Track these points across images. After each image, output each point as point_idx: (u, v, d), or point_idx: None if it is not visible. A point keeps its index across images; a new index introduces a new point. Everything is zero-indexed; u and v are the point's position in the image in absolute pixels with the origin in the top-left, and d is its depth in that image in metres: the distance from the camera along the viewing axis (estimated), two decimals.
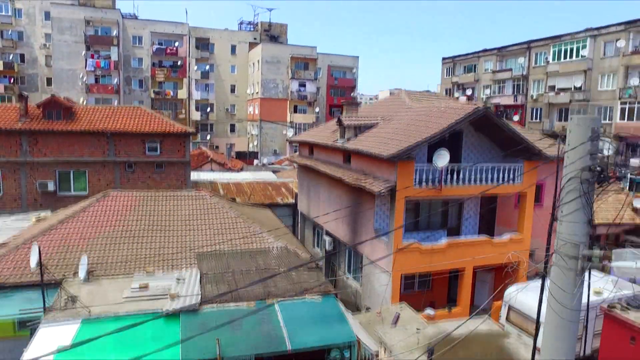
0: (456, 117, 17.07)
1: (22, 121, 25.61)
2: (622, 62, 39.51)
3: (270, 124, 60.11)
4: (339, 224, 22.12)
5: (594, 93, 42.28)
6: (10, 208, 25.76)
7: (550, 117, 46.64)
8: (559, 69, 44.72)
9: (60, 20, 54.65)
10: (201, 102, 64.04)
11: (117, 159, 26.70)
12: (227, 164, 39.73)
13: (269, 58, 59.53)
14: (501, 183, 18.62)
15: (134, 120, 27.39)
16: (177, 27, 62.25)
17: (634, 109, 38.65)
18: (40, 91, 61.60)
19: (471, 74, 56.40)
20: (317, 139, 24.14)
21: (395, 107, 22.83)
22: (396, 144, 17.19)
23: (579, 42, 43.38)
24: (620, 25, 40.38)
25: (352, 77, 67.11)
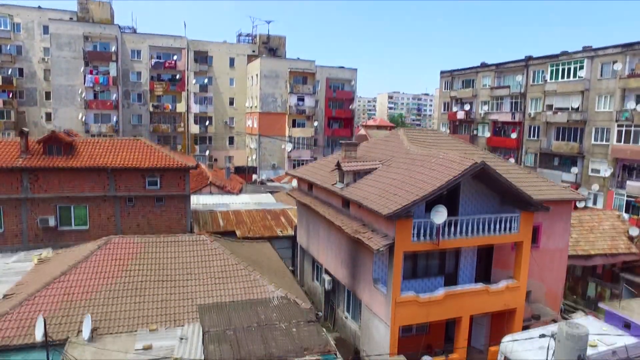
0: (454, 173, 17.29)
1: (23, 157, 25.73)
2: (618, 85, 39.76)
3: (269, 138, 60.30)
4: (338, 265, 22.37)
5: (591, 114, 42.54)
6: (11, 244, 25.96)
7: (547, 135, 46.91)
8: (557, 89, 44.97)
9: (59, 36, 54.68)
10: (200, 115, 64.21)
11: (118, 194, 26.88)
12: (226, 187, 39.92)
13: (268, 72, 59.65)
14: (498, 234, 18.89)
15: (134, 154, 27.55)
16: (175, 41, 62.32)
17: (630, 132, 38.91)
18: (39, 105, 61.80)
19: (469, 89, 56.62)
20: (317, 177, 24.34)
21: (393, 148, 23.04)
22: (395, 198, 17.42)
23: (576, 62, 43.62)
24: (617, 47, 40.62)
25: (351, 90, 67.26)
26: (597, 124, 42.12)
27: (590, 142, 42.68)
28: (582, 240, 29.70)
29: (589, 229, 31.05)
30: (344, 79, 67.04)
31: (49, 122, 60.89)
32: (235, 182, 44.06)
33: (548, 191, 22.33)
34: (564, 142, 44.80)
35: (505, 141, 51.21)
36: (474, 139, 56.44)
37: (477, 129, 56.11)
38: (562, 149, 44.59)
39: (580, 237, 29.91)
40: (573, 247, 28.41)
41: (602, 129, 41.75)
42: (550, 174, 46.20)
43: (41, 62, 60.75)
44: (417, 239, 17.42)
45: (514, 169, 23.71)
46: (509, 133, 51.26)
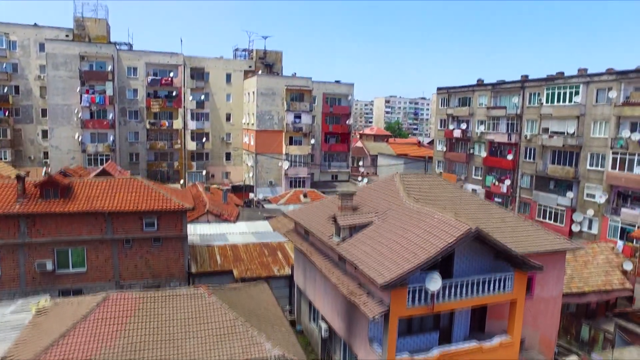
0: (448, 239, 17.47)
1: (20, 202, 25.78)
2: (613, 112, 40.00)
3: (266, 156, 60.37)
4: (335, 316, 22.54)
5: (587, 139, 42.78)
6: (9, 288, 26.05)
7: (543, 158, 47.13)
8: (553, 112, 45.19)
9: (55, 56, 54.55)
10: (197, 132, 64.22)
11: (115, 236, 26.97)
12: (223, 215, 40.01)
13: (264, 90, 59.66)
14: (492, 293, 19.09)
15: (130, 195, 27.63)
16: (172, 58, 62.26)
17: (625, 160, 39.16)
18: (35, 122, 61.72)
19: (466, 107, 56.79)
20: (313, 225, 24.46)
21: (389, 198, 23.18)
22: (390, 264, 17.59)
23: (572, 87, 43.84)
24: (612, 74, 40.86)
25: (347, 104, 67.38)
26: (592, 150, 42.37)
27: (585, 167, 42.93)
28: (576, 276, 29.97)
29: (583, 264, 31.33)
30: (341, 93, 67.14)
31: (45, 139, 60.84)
32: (232, 208, 44.14)
33: (542, 242, 22.55)
34: (560, 166, 45.04)
35: (502, 162, 51.43)
36: (470, 157, 56.67)
37: (474, 148, 56.31)
38: (558, 173, 44.83)
39: (574, 273, 30.18)
40: (567, 285, 28.66)
41: (597, 155, 42.01)
42: (546, 196, 46.58)
43: (37, 80, 60.63)
44: (412, 304, 17.60)
45: (509, 217, 23.92)
46: (505, 154, 51.49)
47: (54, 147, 56.06)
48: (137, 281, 28.06)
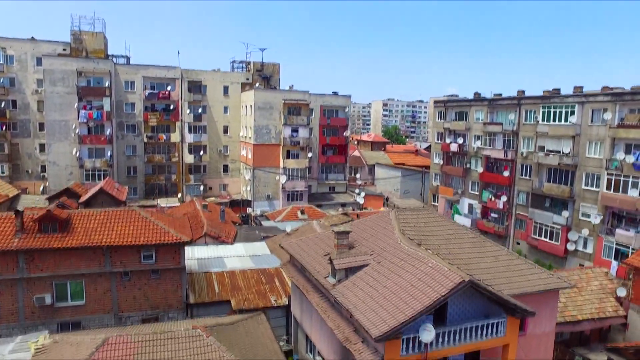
0: (442, 291, 17.72)
1: (18, 237, 25.95)
2: (608, 134, 40.27)
3: (264, 169, 60.57)
4: (331, 354, 22.77)
5: (582, 159, 43.07)
6: (7, 322, 26.24)
7: (539, 176, 47.41)
8: (548, 131, 45.46)
9: (52, 72, 54.59)
10: (194, 145, 64.35)
11: (114, 269, 27.16)
12: (220, 236, 40.22)
13: (262, 104, 59.80)
14: (485, 338, 19.37)
15: (128, 228, 27.81)
16: (169, 71, 62.34)
17: (619, 181, 39.45)
18: (33, 137, 61.79)
19: (462, 122, 57.01)
20: (309, 261, 24.67)
21: (385, 237, 23.40)
22: (384, 313, 17.84)
23: (567, 106, 44.10)
24: (607, 95, 41.15)
25: (345, 116, 67.55)
26: (587, 170, 42.67)
27: (581, 187, 43.23)
28: (570, 304, 30.26)
29: (577, 291, 31.60)
30: (338, 105, 67.30)
31: (42, 153, 60.93)
32: (230, 228, 44.33)
33: (536, 281, 22.78)
34: (555, 184, 45.32)
35: (498, 178, 51.70)
36: (467, 171, 56.94)
37: (470, 162, 56.57)
38: (554, 192, 45.13)
39: (568, 301, 30.47)
40: (561, 314, 28.95)
41: (592, 175, 42.30)
42: (541, 214, 46.88)
43: (34, 94, 60.66)
44: (406, 353, 17.85)
45: (503, 255, 24.14)
46: (501, 169, 51.74)
47: (51, 162, 56.13)
48: (136, 312, 28.26)
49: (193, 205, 49.87)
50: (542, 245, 46.89)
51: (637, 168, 38.05)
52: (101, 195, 45.48)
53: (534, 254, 48.64)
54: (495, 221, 52.84)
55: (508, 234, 50.80)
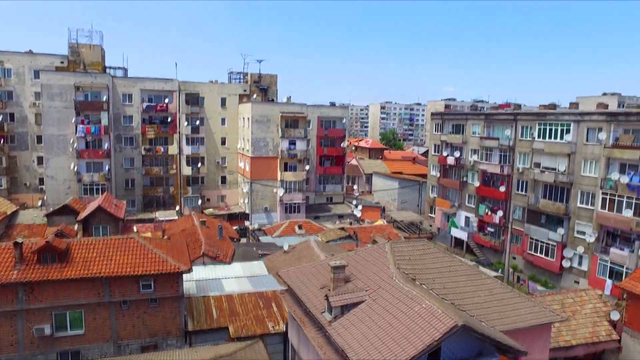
0: (435, 335, 18.01)
1: (18, 268, 26.12)
2: (603, 153, 40.62)
3: (261, 182, 60.80)
4: None
5: (577, 177, 43.41)
6: (7, 353, 26.40)
7: (535, 192, 47.76)
8: (544, 148, 45.78)
9: (50, 87, 54.65)
10: (192, 156, 64.49)
11: (113, 298, 27.36)
12: (218, 256, 40.46)
13: (259, 117, 59.97)
14: None
15: (127, 257, 28.01)
16: (166, 84, 62.46)
17: (614, 201, 39.81)
18: (31, 149, 61.89)
19: (459, 135, 57.30)
20: (306, 292, 24.92)
21: (380, 272, 23.65)
22: (377, 356, 18.13)
23: (563, 124, 44.41)
24: (602, 115, 41.48)
25: (342, 127, 67.75)
26: (583, 188, 43.01)
27: (576, 204, 43.59)
28: (564, 329, 30.59)
29: (571, 314, 31.95)
30: (335, 116, 67.51)
31: (40, 165, 60.99)
32: (228, 245, 44.52)
33: (529, 316, 23.09)
34: (551, 201, 45.67)
35: (494, 192, 52.04)
36: (463, 185, 57.27)
37: (467, 176, 56.90)
38: (549, 208, 45.48)
39: (562, 325, 30.78)
40: (555, 339, 29.30)
41: (587, 193, 42.64)
42: (537, 230, 47.23)
43: (32, 107, 60.72)
44: None
45: (497, 288, 24.43)
46: (498, 184, 52.08)
47: (49, 176, 56.23)
48: (135, 340, 28.45)
49: (191, 220, 50.05)
50: (538, 261, 47.26)
51: (631, 188, 38.42)
52: (99, 213, 45.71)
53: (529, 269, 49.05)
54: (492, 235, 53.20)
55: (504, 248, 51.08)
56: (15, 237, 45.73)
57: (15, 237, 45.80)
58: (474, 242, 55.80)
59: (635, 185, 38.05)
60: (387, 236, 50.89)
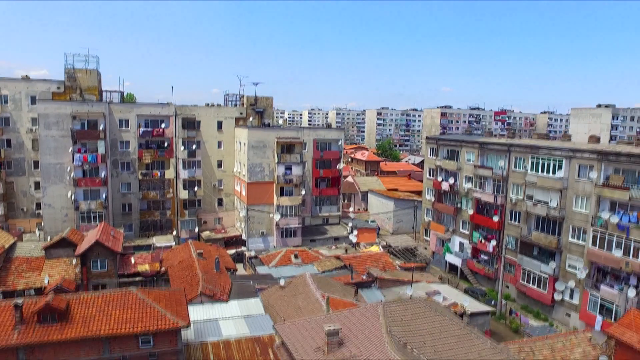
0: None
1: (18, 329, 26.56)
2: (594, 191, 41.31)
3: (258, 206, 61.28)
4: None
5: (569, 212, 44.11)
6: None
7: (528, 223, 48.45)
8: (537, 182, 46.46)
9: (47, 116, 54.86)
10: (188, 180, 64.82)
11: (112, 355, 27.85)
12: (216, 295, 40.92)
13: (255, 142, 60.38)
14: None
15: (127, 314, 28.48)
16: (163, 109, 62.75)
17: (604, 239, 40.52)
18: (28, 175, 62.11)
19: (454, 162, 57.90)
20: (299, 352, 25.50)
21: (373, 337, 24.23)
22: None
23: (555, 159, 45.07)
24: (593, 153, 42.10)
25: (338, 149, 68.21)
26: (574, 223, 43.72)
27: (567, 239, 44.31)
28: None
29: None
30: (331, 139, 67.98)
31: (37, 190, 61.24)
32: (225, 280, 44.92)
33: None
34: (543, 234, 46.36)
35: (488, 221, 52.71)
36: (458, 211, 57.92)
37: (461, 202, 57.55)
38: (541, 241, 46.19)
39: None
40: None
41: (579, 228, 43.37)
42: (529, 262, 47.96)
43: (29, 133, 60.88)
44: None
45: (486, 350, 25.03)
46: (491, 213, 52.73)
47: (47, 204, 56.53)
48: None
49: (188, 250, 50.44)
50: (530, 292, 48.02)
51: (621, 228, 39.14)
52: (97, 247, 46.09)
53: (522, 299, 49.81)
54: (485, 263, 53.93)
55: (497, 277, 51.88)
56: (13, 271, 46.18)
57: (14, 271, 46.29)
58: (467, 268, 56.54)
59: (625, 225, 38.79)
60: (382, 265, 51.59)
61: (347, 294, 42.27)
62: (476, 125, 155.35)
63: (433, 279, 49.37)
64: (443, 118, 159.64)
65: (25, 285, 44.37)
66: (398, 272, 49.24)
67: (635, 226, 38.15)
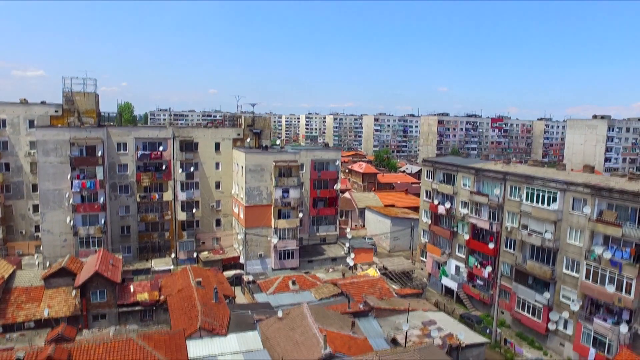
0: None
1: None
2: (588, 226, 41.83)
3: (255, 229, 61.70)
4: None
5: (563, 243, 44.64)
6: None
7: (523, 251, 48.97)
8: (532, 212, 46.96)
9: (45, 143, 55.11)
10: (187, 202, 65.18)
11: None
12: (215, 329, 41.33)
13: (253, 166, 60.75)
14: None
15: None
16: (160, 131, 63.09)
17: (597, 273, 41.05)
18: (26, 198, 62.40)
19: (450, 186, 58.36)
20: None
21: None
22: None
23: (550, 191, 45.55)
24: (587, 187, 42.58)
25: (335, 169, 68.70)
26: (568, 255, 44.26)
27: (561, 270, 44.86)
28: None
29: None
30: (329, 159, 68.47)
31: (36, 213, 61.52)
32: (224, 312, 45.29)
33: None
34: (538, 264, 46.88)
35: (484, 247, 53.22)
36: (454, 234, 58.43)
37: (458, 226, 58.06)
38: (536, 271, 46.73)
39: None
40: None
41: (573, 260, 43.90)
42: (524, 290, 48.52)
43: (27, 156, 61.17)
44: None
45: None
46: (487, 239, 53.23)
47: (45, 230, 56.81)
48: None
49: (187, 278, 50.80)
50: (525, 320, 48.60)
51: (613, 264, 39.67)
52: (96, 278, 46.46)
53: (517, 326, 50.40)
54: (481, 288, 54.48)
55: (493, 302, 52.44)
56: (13, 303, 46.51)
57: (13, 303, 46.61)
58: (463, 292, 57.11)
59: (618, 262, 39.33)
60: (378, 292, 52.08)
61: (344, 326, 42.64)
62: (473, 132, 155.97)
63: (429, 306, 49.87)
64: (440, 126, 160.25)
65: (24, 317, 44.76)
66: (395, 300, 49.72)
67: (628, 263, 38.69)
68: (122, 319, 47.86)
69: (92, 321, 47.10)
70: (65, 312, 45.72)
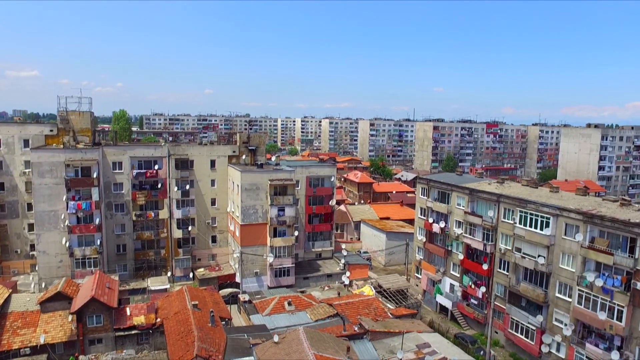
0: None
1: None
2: (580, 252, 42.32)
3: (251, 247, 61.93)
4: None
5: (556, 267, 45.11)
6: None
7: (516, 273, 49.44)
8: (525, 235, 47.42)
9: (40, 164, 55.07)
10: (182, 219, 65.30)
11: None
12: (211, 356, 41.55)
13: (248, 185, 60.93)
14: None
15: None
16: (156, 150, 63.18)
17: (589, 299, 41.57)
18: (21, 217, 62.36)
19: (444, 204, 58.77)
20: None
21: None
22: None
23: (543, 216, 46.00)
24: (580, 214, 43.06)
25: (330, 185, 69.02)
26: (561, 279, 44.75)
27: (554, 293, 45.35)
28: None
29: None
30: (324, 175, 68.77)
31: (31, 232, 61.47)
32: (220, 336, 45.49)
33: None
34: (531, 286, 47.36)
35: (478, 267, 53.70)
36: (448, 253, 58.89)
37: (452, 245, 58.49)
38: (529, 294, 47.21)
39: None
40: None
41: (565, 285, 44.40)
42: (517, 312, 49.00)
43: (22, 176, 61.11)
44: None
45: None
46: (481, 259, 53.70)
47: (41, 252, 56.77)
48: None
49: (183, 300, 50.92)
50: (518, 341, 49.12)
51: (605, 291, 40.16)
52: (93, 303, 46.58)
53: (511, 346, 50.91)
54: (475, 307, 54.96)
55: (487, 322, 52.91)
56: (9, 329, 46.52)
57: (9, 329, 46.61)
58: (458, 311, 57.57)
59: (609, 289, 39.84)
60: (373, 313, 52.46)
61: (339, 350, 42.97)
62: (468, 138, 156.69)
63: (424, 327, 50.27)
64: (435, 131, 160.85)
65: (20, 343, 44.77)
66: (389, 322, 50.10)
67: (619, 291, 39.20)
68: (119, 343, 47.98)
69: (89, 346, 47.23)
70: (61, 338, 45.76)
